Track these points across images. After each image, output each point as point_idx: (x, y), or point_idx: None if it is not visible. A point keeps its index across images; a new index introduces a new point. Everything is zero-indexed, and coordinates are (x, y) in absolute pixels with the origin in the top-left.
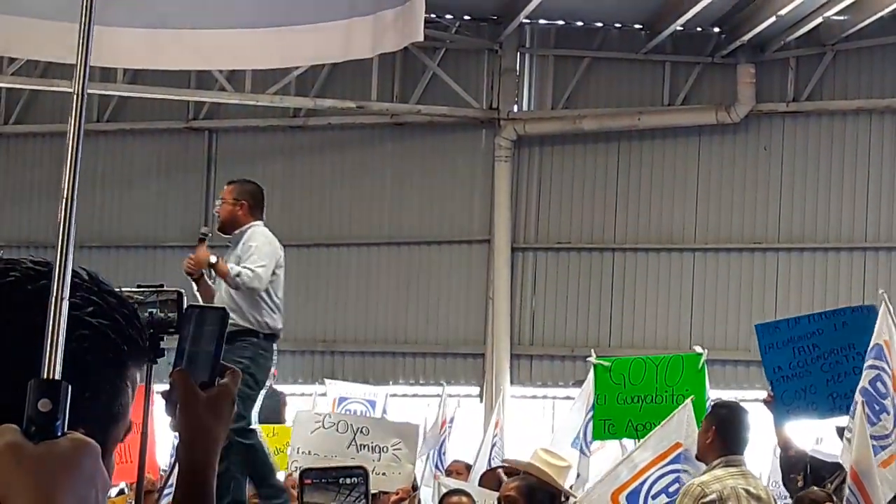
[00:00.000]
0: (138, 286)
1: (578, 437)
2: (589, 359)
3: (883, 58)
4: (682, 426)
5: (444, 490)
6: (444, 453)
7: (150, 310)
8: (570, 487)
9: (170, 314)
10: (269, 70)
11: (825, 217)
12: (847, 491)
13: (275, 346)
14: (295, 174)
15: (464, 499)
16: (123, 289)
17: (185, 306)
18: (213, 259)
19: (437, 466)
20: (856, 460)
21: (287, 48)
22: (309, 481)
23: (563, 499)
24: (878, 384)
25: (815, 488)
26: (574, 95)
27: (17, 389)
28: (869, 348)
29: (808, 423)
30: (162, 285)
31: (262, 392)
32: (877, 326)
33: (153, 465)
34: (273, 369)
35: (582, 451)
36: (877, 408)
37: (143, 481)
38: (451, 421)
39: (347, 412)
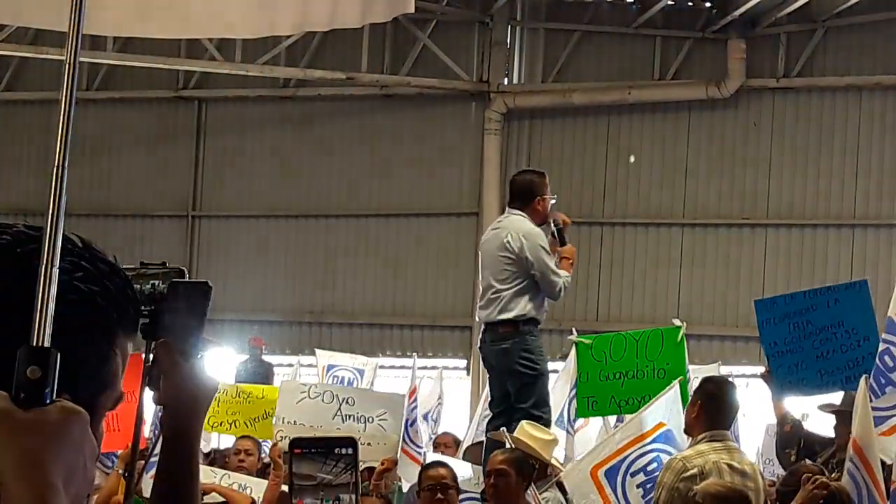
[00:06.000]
0: (141, 264)
1: (562, 416)
2: (570, 337)
3: (874, 34)
4: (668, 407)
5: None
6: (410, 425)
7: (152, 281)
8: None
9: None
10: (258, 40)
11: (814, 193)
12: (849, 463)
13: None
14: (284, 144)
15: (441, 470)
16: (125, 266)
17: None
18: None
19: (405, 438)
20: (858, 433)
21: (275, 16)
22: (298, 451)
23: (548, 472)
24: (886, 357)
25: (808, 462)
26: (564, 69)
27: (7, 351)
28: (886, 321)
29: (800, 399)
30: (164, 263)
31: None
32: (893, 299)
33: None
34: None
35: (567, 430)
36: (882, 381)
37: (137, 452)
38: (416, 395)
39: (335, 379)
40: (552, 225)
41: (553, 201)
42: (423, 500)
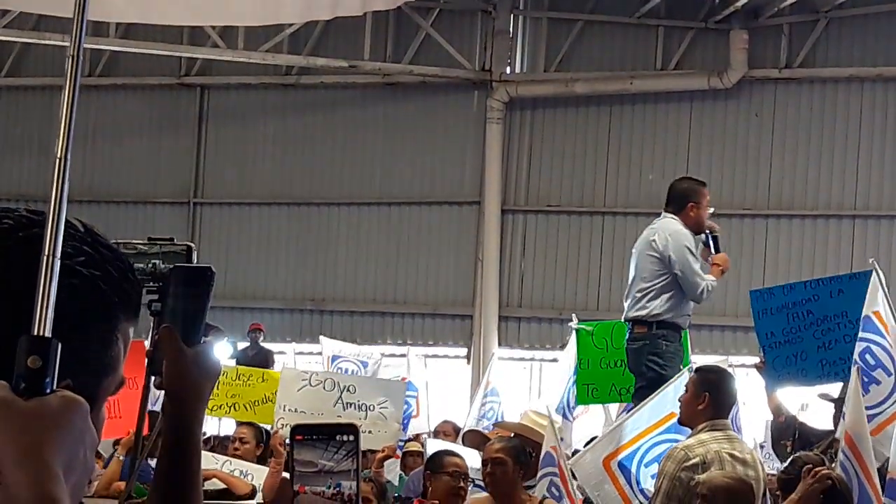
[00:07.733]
0: (149, 239)
1: (562, 403)
2: (571, 324)
3: (876, 26)
4: (677, 396)
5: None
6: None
7: (153, 261)
8: None
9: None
10: (261, 27)
11: (815, 184)
12: (841, 456)
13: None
14: (286, 132)
15: (457, 459)
16: (132, 241)
17: (194, 262)
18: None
19: None
20: (850, 426)
21: (279, 5)
22: (300, 437)
23: None
24: (867, 356)
25: (807, 452)
26: (567, 58)
27: (6, 337)
28: (861, 320)
29: (797, 390)
30: (172, 239)
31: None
32: (867, 297)
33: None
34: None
35: (565, 416)
36: (865, 380)
37: (141, 438)
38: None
39: (339, 370)
40: (707, 232)
41: (710, 211)
42: (442, 483)
